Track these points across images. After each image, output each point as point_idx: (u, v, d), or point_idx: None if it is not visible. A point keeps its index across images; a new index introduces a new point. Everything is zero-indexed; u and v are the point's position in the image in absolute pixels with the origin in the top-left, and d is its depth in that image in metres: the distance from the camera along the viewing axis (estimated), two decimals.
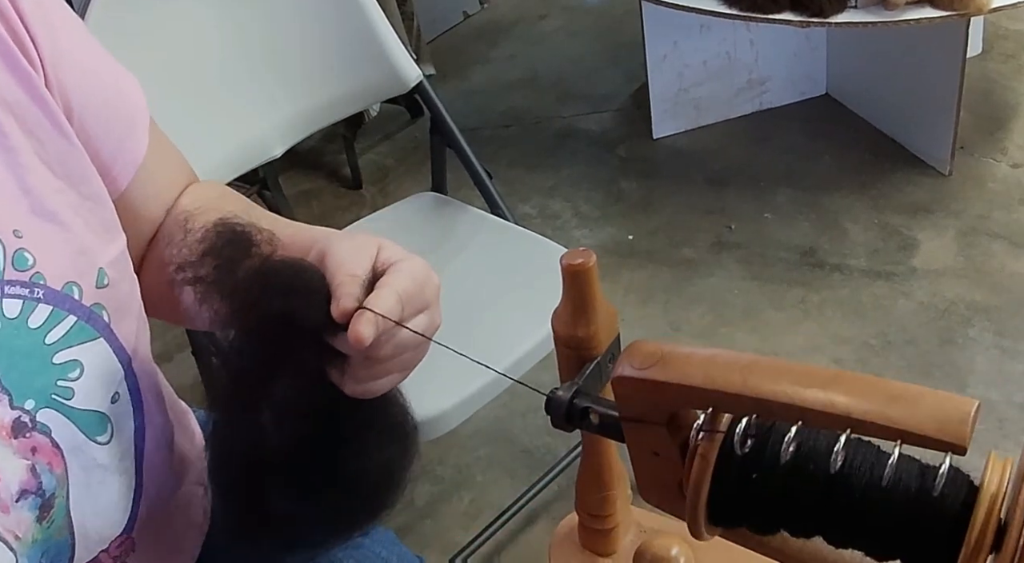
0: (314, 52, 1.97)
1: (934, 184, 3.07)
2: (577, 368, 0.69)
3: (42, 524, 0.82)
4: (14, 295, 0.80)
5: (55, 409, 0.83)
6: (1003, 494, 0.51)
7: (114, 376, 0.89)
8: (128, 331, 0.91)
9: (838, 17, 2.67)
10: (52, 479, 0.83)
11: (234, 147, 1.91)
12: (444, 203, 2.15)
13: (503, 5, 4.73)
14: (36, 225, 0.83)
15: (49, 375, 0.83)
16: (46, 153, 0.85)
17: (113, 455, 0.89)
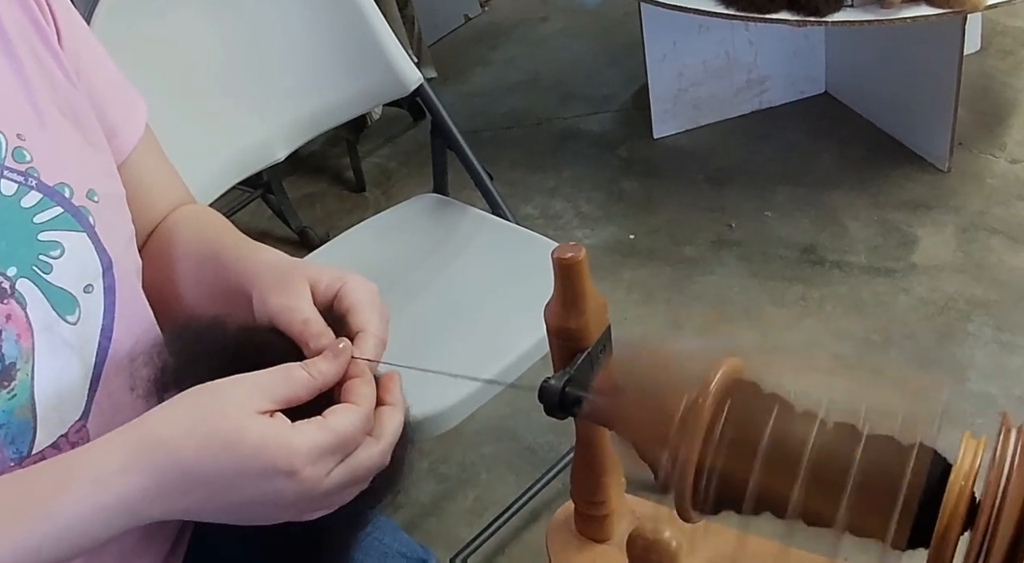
0: (315, 56, 1.99)
1: (933, 180, 3.09)
2: (569, 359, 0.71)
3: (3, 391, 0.87)
4: (12, 179, 0.91)
5: (33, 281, 0.90)
6: (975, 472, 0.53)
7: (91, 269, 0.95)
8: (114, 245, 0.98)
9: (834, 16, 2.69)
10: (16, 349, 0.88)
11: (237, 151, 1.93)
12: (445, 204, 2.17)
13: (503, 8, 4.74)
14: (39, 136, 0.94)
15: (33, 248, 0.91)
16: (56, 94, 0.98)
17: (79, 337, 0.94)
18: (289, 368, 0.81)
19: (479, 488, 2.43)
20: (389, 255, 2.07)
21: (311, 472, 0.76)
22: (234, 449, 0.75)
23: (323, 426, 0.77)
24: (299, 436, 0.76)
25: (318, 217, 3.43)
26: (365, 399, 0.82)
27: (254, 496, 0.77)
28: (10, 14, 0.96)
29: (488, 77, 4.18)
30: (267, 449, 0.75)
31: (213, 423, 0.76)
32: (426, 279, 1.98)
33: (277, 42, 1.98)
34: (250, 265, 0.99)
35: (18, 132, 0.92)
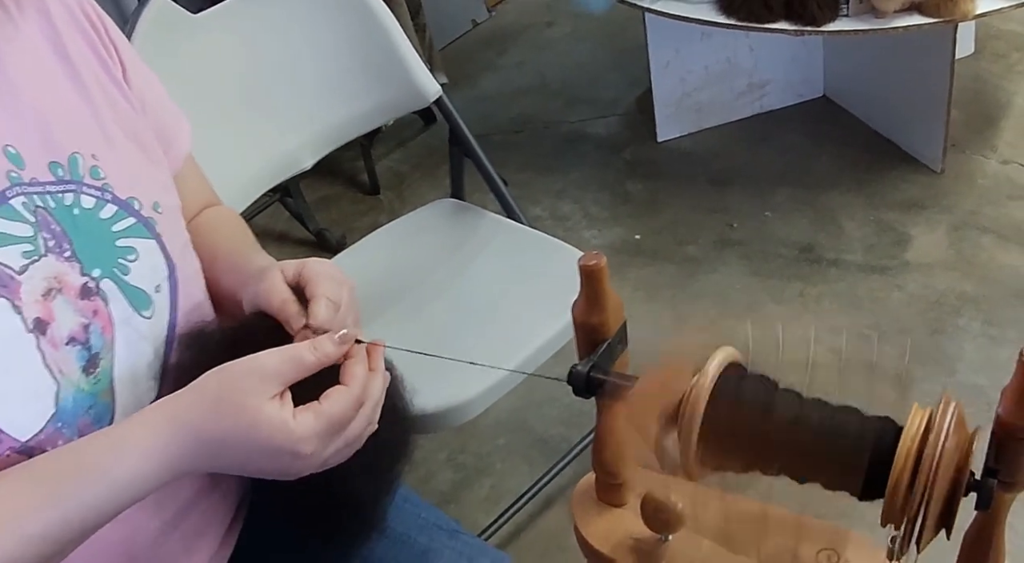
0: (341, 71, 2.06)
1: (927, 181, 3.17)
2: (592, 349, 0.83)
3: (89, 377, 1.01)
4: (90, 194, 1.05)
5: (114, 281, 1.04)
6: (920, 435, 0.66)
7: (160, 271, 1.10)
8: (175, 250, 1.13)
9: (830, 25, 2.75)
10: (100, 340, 1.02)
11: (268, 160, 2.01)
12: (463, 209, 2.24)
13: (510, 13, 4.79)
14: (109, 155, 1.09)
15: (112, 253, 1.05)
16: (120, 119, 1.13)
17: (152, 329, 1.08)
18: (298, 350, 0.94)
19: (495, 477, 2.50)
20: (410, 257, 2.14)
21: (311, 450, 0.92)
22: (250, 435, 0.90)
23: (319, 413, 0.92)
24: (300, 426, 0.91)
25: (334, 219, 3.50)
26: (357, 379, 0.96)
27: (266, 465, 0.93)
28: (77, 49, 1.10)
29: (496, 81, 4.24)
30: (275, 436, 0.90)
31: (234, 414, 0.91)
32: (446, 279, 2.05)
33: (304, 58, 2.05)
34: (240, 273, 1.16)
35: (92, 152, 1.06)
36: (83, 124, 1.07)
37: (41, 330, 0.96)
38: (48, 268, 0.98)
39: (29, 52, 1.06)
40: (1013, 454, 0.69)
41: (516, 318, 1.91)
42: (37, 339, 0.96)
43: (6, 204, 0.96)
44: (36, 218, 0.99)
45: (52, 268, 0.99)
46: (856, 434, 0.68)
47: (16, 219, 0.97)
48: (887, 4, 2.68)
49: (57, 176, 1.02)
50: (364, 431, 0.98)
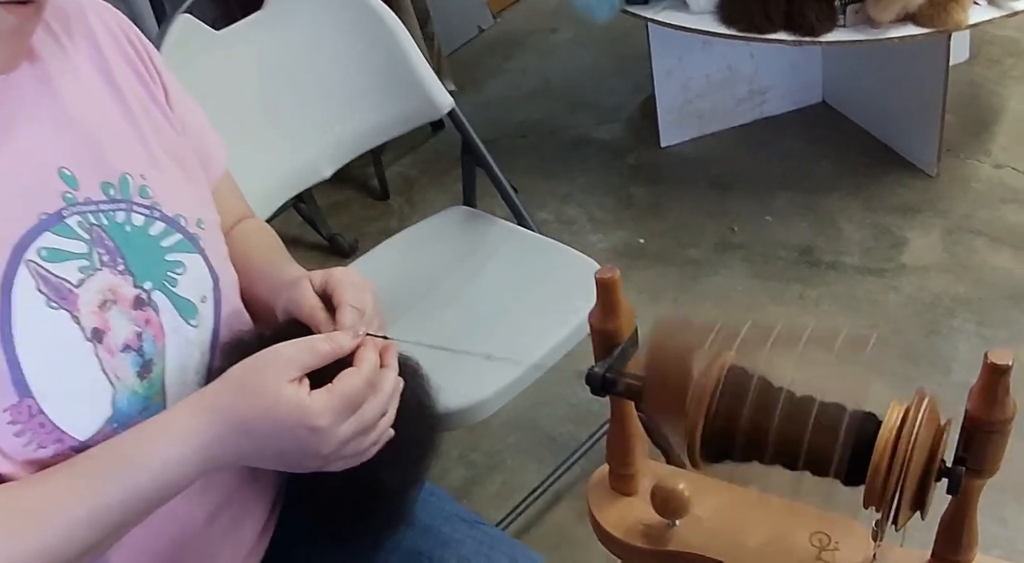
0: (358, 84, 2.12)
1: (922, 185, 3.23)
2: (607, 352, 0.92)
3: (142, 381, 1.10)
4: (140, 212, 1.14)
5: (164, 292, 1.14)
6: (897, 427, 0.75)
7: (205, 283, 1.20)
8: (218, 264, 1.22)
9: (828, 36, 2.83)
10: (153, 348, 1.12)
11: (289, 171, 2.08)
12: (475, 216, 2.30)
13: (515, 19, 4.86)
14: (155, 176, 1.17)
15: (162, 267, 1.14)
16: (163, 140, 1.22)
17: (198, 337, 1.17)
18: (313, 341, 1.05)
19: (505, 474, 2.57)
20: (424, 263, 2.20)
21: (325, 424, 1.00)
22: (270, 413, 1.00)
23: (332, 392, 1.01)
24: (314, 401, 1.00)
25: (346, 224, 3.56)
26: (367, 362, 1.05)
27: (288, 445, 1.02)
28: (123, 75, 1.20)
29: (502, 87, 4.31)
30: (292, 412, 1.00)
31: (256, 395, 1.01)
32: (460, 284, 2.10)
33: (323, 72, 2.11)
34: (273, 283, 1.26)
35: (141, 173, 1.15)
36: (131, 146, 1.17)
37: (98, 339, 1.06)
38: (103, 281, 1.08)
39: (80, 78, 1.15)
40: (980, 445, 0.78)
41: (528, 321, 1.96)
42: (95, 347, 1.05)
43: (62, 223, 1.06)
44: (91, 235, 1.08)
45: (107, 281, 1.08)
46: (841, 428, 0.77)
47: (72, 237, 1.06)
48: (883, 15, 2.75)
49: (109, 196, 1.11)
50: (381, 420, 1.07)
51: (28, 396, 1.00)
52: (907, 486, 0.75)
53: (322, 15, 2.11)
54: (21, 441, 1.00)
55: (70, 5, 1.18)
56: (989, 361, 0.75)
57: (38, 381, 1.00)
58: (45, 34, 1.13)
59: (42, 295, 1.02)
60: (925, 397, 0.77)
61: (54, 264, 1.04)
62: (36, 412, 1.00)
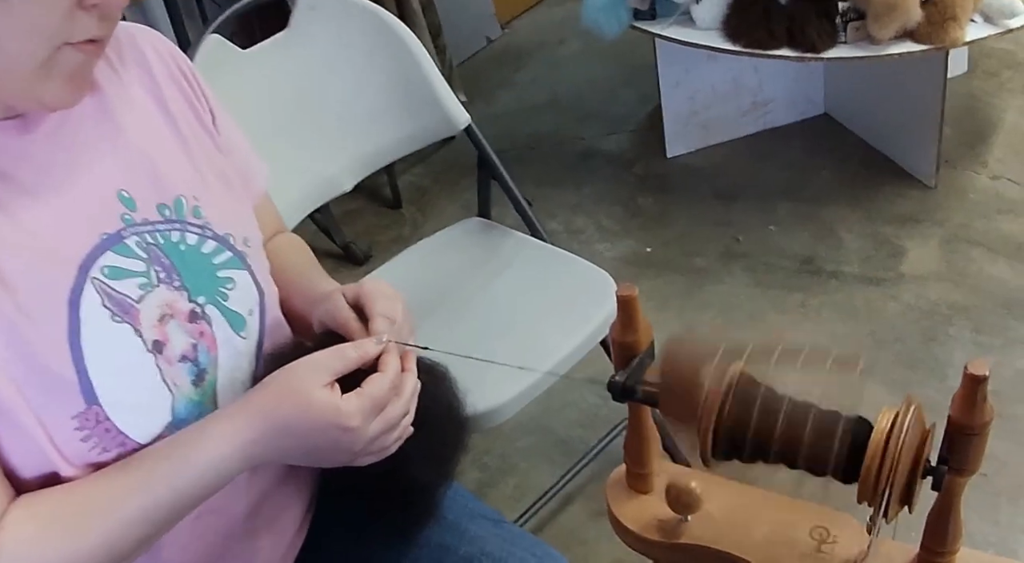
0: (378, 101, 2.19)
1: (921, 196, 3.29)
2: (626, 362, 1.02)
3: (197, 389, 1.20)
4: (193, 232, 1.23)
5: (216, 306, 1.23)
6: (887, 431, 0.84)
7: (252, 297, 1.29)
8: (262, 279, 1.32)
9: (829, 52, 2.90)
10: (207, 358, 1.21)
11: (313, 184, 2.16)
12: (490, 228, 2.37)
13: (523, 30, 4.92)
14: (206, 197, 1.26)
15: (214, 283, 1.24)
16: (212, 163, 1.31)
17: (247, 347, 1.27)
18: (342, 348, 1.15)
19: (518, 476, 2.64)
20: (443, 272, 2.27)
21: (356, 424, 1.11)
22: (306, 415, 1.10)
23: (361, 394, 1.11)
24: (346, 404, 1.10)
25: (359, 232, 3.63)
26: (390, 367, 1.16)
27: (322, 443, 1.12)
28: (174, 99, 1.29)
29: (510, 98, 4.37)
30: (326, 414, 1.10)
31: (292, 395, 1.11)
32: (476, 294, 2.17)
33: (345, 89, 2.18)
34: (307, 295, 1.36)
35: (194, 194, 1.25)
36: (184, 169, 1.26)
37: (159, 350, 1.15)
38: (161, 297, 1.17)
39: (135, 104, 1.24)
40: (961, 446, 0.87)
41: (543, 329, 2.03)
42: (155, 358, 1.15)
43: (122, 243, 1.15)
44: (148, 254, 1.17)
45: (164, 297, 1.17)
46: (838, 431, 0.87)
47: (131, 256, 1.15)
48: (882, 33, 2.82)
49: (164, 216, 1.20)
50: (402, 418, 1.17)
51: (95, 404, 1.09)
52: (896, 483, 0.84)
53: (344, 34, 2.18)
54: (87, 446, 1.10)
55: (123, 34, 1.27)
56: (968, 371, 0.84)
57: (104, 390, 1.10)
58: (103, 62, 1.22)
59: (107, 310, 1.11)
60: (912, 403, 0.86)
61: (116, 281, 1.13)
62: (102, 418, 1.10)
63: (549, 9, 5.12)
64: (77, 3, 1.01)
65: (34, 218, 1.09)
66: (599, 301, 2.05)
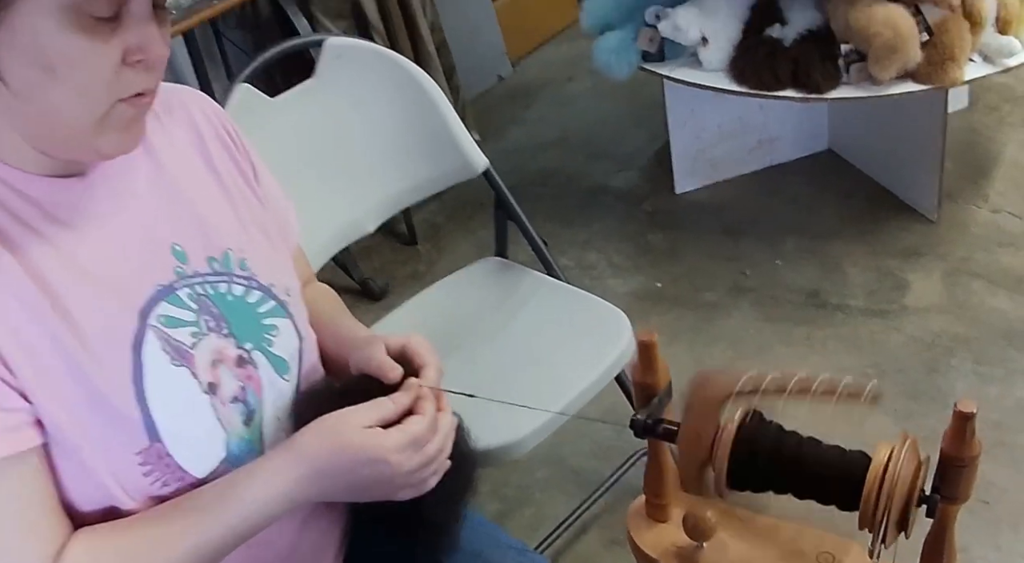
0: (400, 145, 2.27)
1: (923, 230, 3.36)
2: (647, 401, 1.11)
3: (247, 427, 1.29)
4: (239, 283, 1.31)
5: (261, 351, 1.32)
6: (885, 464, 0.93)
7: (294, 342, 1.38)
8: (302, 325, 1.40)
9: (833, 93, 2.98)
10: (255, 399, 1.30)
11: (338, 226, 2.24)
12: (507, 267, 2.44)
13: (532, 68, 4.99)
14: (251, 249, 1.35)
15: (260, 330, 1.33)
16: (254, 216, 1.39)
17: (290, 389, 1.36)
18: (381, 400, 1.24)
19: (534, 507, 2.70)
20: (462, 311, 2.34)
21: (397, 458, 1.20)
22: (349, 452, 1.19)
23: (403, 430, 1.21)
24: (388, 438, 1.20)
25: (376, 268, 3.71)
26: (428, 411, 1.25)
27: (364, 478, 1.21)
28: (219, 157, 1.38)
29: (521, 135, 4.44)
30: (367, 449, 1.19)
31: (337, 438, 1.20)
32: (495, 331, 2.25)
33: (369, 135, 2.27)
34: (341, 340, 1.46)
35: (240, 247, 1.34)
36: (230, 223, 1.35)
37: (213, 392, 1.24)
38: (212, 344, 1.26)
39: (183, 159, 1.33)
40: (952, 477, 0.96)
41: (560, 367, 2.10)
42: (211, 399, 1.24)
43: (174, 294, 1.24)
44: (198, 305, 1.26)
45: (214, 343, 1.26)
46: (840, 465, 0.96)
47: (183, 307, 1.24)
48: (883, 74, 2.89)
49: (213, 269, 1.29)
50: (439, 454, 1.26)
51: (158, 441, 1.18)
52: (892, 511, 0.93)
53: (367, 82, 2.27)
54: (149, 480, 1.19)
55: (172, 95, 1.37)
56: (957, 409, 0.93)
57: (166, 428, 1.19)
58: (153, 120, 1.31)
59: (166, 354, 1.20)
60: (908, 438, 0.95)
61: (171, 329, 1.22)
62: (164, 454, 1.19)
63: (558, 47, 5.19)
64: (122, 61, 1.08)
65: (95, 263, 1.18)
66: (614, 338, 2.13)
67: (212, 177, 1.36)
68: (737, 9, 3.18)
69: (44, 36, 1.02)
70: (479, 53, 4.75)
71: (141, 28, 1.07)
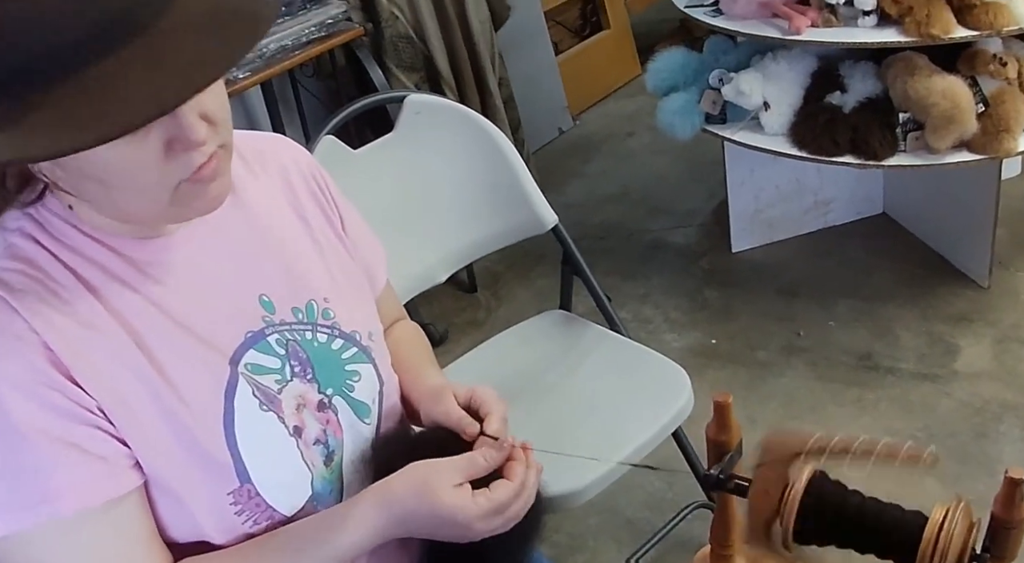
0: (474, 199, 2.37)
1: (975, 296, 3.42)
2: (719, 458, 1.19)
3: (327, 468, 1.35)
4: (323, 332, 1.36)
5: (342, 397, 1.37)
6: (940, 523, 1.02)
7: (375, 387, 1.43)
8: (384, 369, 1.46)
9: (890, 160, 3.05)
10: (335, 441, 1.36)
11: (413, 276, 2.33)
12: (571, 320, 2.53)
13: (593, 122, 5.11)
14: (336, 298, 1.39)
15: (342, 376, 1.38)
16: (341, 265, 1.45)
17: (371, 431, 1.42)
18: (473, 456, 1.30)
19: (586, 554, 2.76)
20: (526, 361, 2.42)
21: (481, 526, 1.26)
22: (438, 512, 1.25)
23: (490, 498, 1.26)
24: (475, 507, 1.25)
25: (436, 314, 3.80)
26: (518, 476, 1.30)
27: (447, 533, 1.28)
28: (309, 207, 1.44)
29: (582, 189, 4.55)
30: (456, 514, 1.25)
31: (428, 493, 1.26)
32: (558, 382, 2.32)
33: (444, 188, 2.36)
34: (418, 387, 1.51)
35: (324, 297, 1.39)
36: (316, 273, 1.41)
37: (298, 434, 1.32)
38: (295, 389, 1.33)
39: (273, 210, 1.39)
40: (1002, 539, 1.04)
41: (621, 420, 2.17)
42: (296, 441, 1.32)
43: (263, 341, 1.31)
44: (286, 350, 1.33)
45: (298, 389, 1.33)
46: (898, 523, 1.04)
47: (270, 353, 1.31)
48: (940, 143, 2.97)
49: (298, 318, 1.36)
50: (520, 513, 1.32)
51: (248, 482, 1.25)
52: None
53: (443, 137, 2.37)
54: (240, 519, 1.27)
55: (267, 144, 1.44)
56: (1008, 475, 1.01)
57: (255, 470, 1.26)
58: (244, 170, 1.38)
59: (256, 399, 1.28)
60: (961, 501, 1.04)
61: (259, 376, 1.29)
62: (254, 495, 1.27)
63: (619, 102, 5.32)
64: (164, 155, 1.07)
65: (186, 315, 1.24)
66: (674, 394, 2.21)
67: (301, 225, 1.42)
68: (799, 76, 3.26)
69: (86, 157, 1.02)
70: (541, 106, 4.87)
71: (171, 118, 1.04)
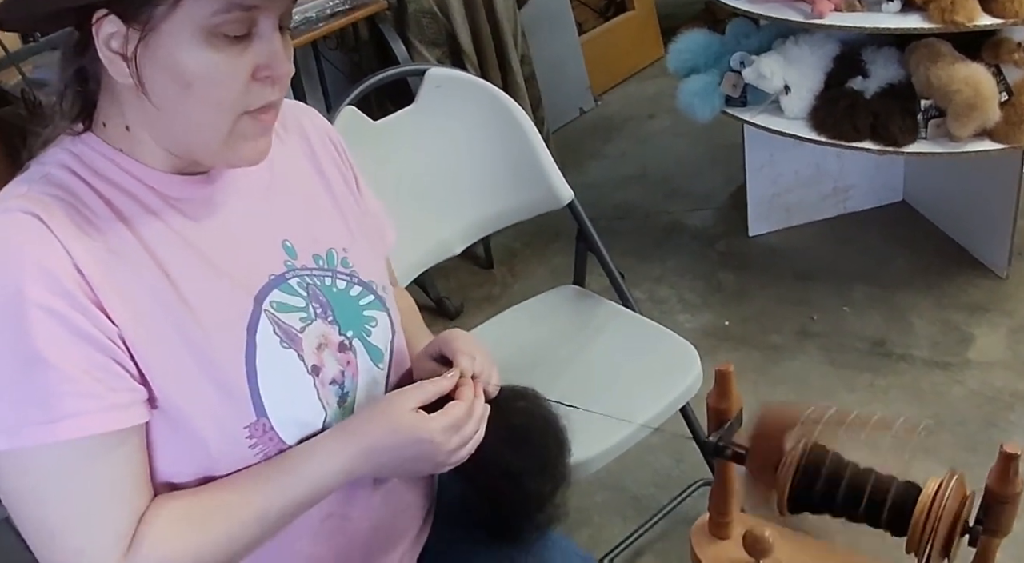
0: (492, 173, 2.39)
1: (992, 286, 3.40)
2: (719, 426, 1.21)
3: (341, 408, 1.40)
4: (342, 278, 1.43)
5: (360, 340, 1.44)
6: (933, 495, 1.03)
7: (388, 334, 1.50)
8: (395, 320, 1.52)
9: (910, 147, 3.03)
10: (351, 383, 1.41)
11: (429, 246, 2.36)
12: (584, 296, 2.54)
13: (614, 103, 5.11)
14: (353, 249, 1.47)
15: (361, 320, 1.45)
16: (358, 221, 1.52)
17: (382, 376, 1.48)
18: (423, 384, 1.37)
19: (592, 529, 2.77)
20: (539, 335, 2.44)
21: (440, 438, 1.33)
22: (399, 432, 1.32)
23: (445, 413, 1.34)
24: (432, 422, 1.31)
25: (452, 288, 3.83)
26: (467, 397, 1.37)
27: (410, 455, 1.34)
28: (328, 165, 1.52)
29: (601, 169, 4.55)
30: (416, 429, 1.32)
31: (386, 417, 1.33)
32: (570, 357, 2.34)
33: (463, 161, 2.38)
34: (415, 353, 1.57)
35: (343, 246, 1.46)
36: (335, 224, 1.48)
37: (316, 373, 1.36)
38: (318, 329, 1.38)
39: (297, 166, 1.47)
40: (995, 512, 1.05)
41: (630, 394, 2.18)
42: (314, 380, 1.36)
43: (286, 283, 1.36)
44: (308, 293, 1.38)
45: (320, 329, 1.38)
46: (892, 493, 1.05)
47: (294, 294, 1.37)
48: (961, 131, 2.95)
49: (318, 264, 1.42)
50: (473, 433, 1.38)
51: (264, 417, 1.30)
52: (937, 538, 1.02)
53: (463, 111, 2.39)
54: (253, 452, 1.31)
55: (288, 109, 1.49)
56: (1003, 450, 1.02)
57: (272, 405, 1.30)
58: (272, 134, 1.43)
59: (277, 337, 1.32)
60: (955, 474, 1.04)
61: (283, 314, 1.34)
62: (268, 429, 1.31)
63: (641, 83, 5.31)
64: (251, 76, 1.19)
65: (214, 252, 1.30)
66: (684, 371, 2.22)
67: (321, 182, 1.50)
68: (821, 60, 3.25)
69: (183, 54, 1.15)
70: (563, 86, 4.86)
71: (269, 46, 1.19)
